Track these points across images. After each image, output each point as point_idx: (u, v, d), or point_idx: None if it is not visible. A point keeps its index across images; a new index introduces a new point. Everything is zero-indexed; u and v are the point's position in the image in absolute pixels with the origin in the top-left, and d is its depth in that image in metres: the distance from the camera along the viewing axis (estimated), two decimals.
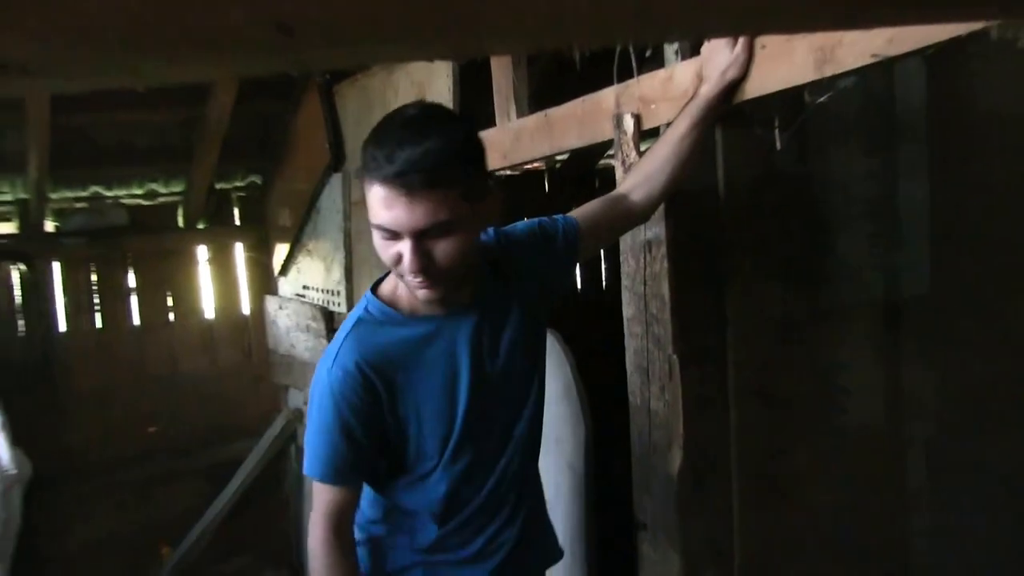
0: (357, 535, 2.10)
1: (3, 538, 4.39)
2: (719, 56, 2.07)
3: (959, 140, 2.76)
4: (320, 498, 1.96)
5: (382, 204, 1.72)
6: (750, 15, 1.04)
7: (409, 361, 1.94)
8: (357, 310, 2.02)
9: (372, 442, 1.95)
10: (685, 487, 2.40)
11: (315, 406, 1.96)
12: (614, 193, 2.22)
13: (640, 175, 2.18)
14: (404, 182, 1.67)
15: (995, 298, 2.77)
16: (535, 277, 2.10)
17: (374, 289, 2.01)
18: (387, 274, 1.99)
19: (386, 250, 1.78)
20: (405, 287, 1.90)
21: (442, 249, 1.76)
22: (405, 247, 1.75)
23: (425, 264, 1.76)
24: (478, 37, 0.87)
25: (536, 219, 2.17)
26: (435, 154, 1.67)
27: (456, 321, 1.97)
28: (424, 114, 1.76)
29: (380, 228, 1.75)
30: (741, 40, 2.02)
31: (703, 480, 2.44)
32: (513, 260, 2.09)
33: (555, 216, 2.18)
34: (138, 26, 0.74)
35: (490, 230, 2.08)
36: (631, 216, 2.20)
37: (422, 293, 1.84)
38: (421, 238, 1.74)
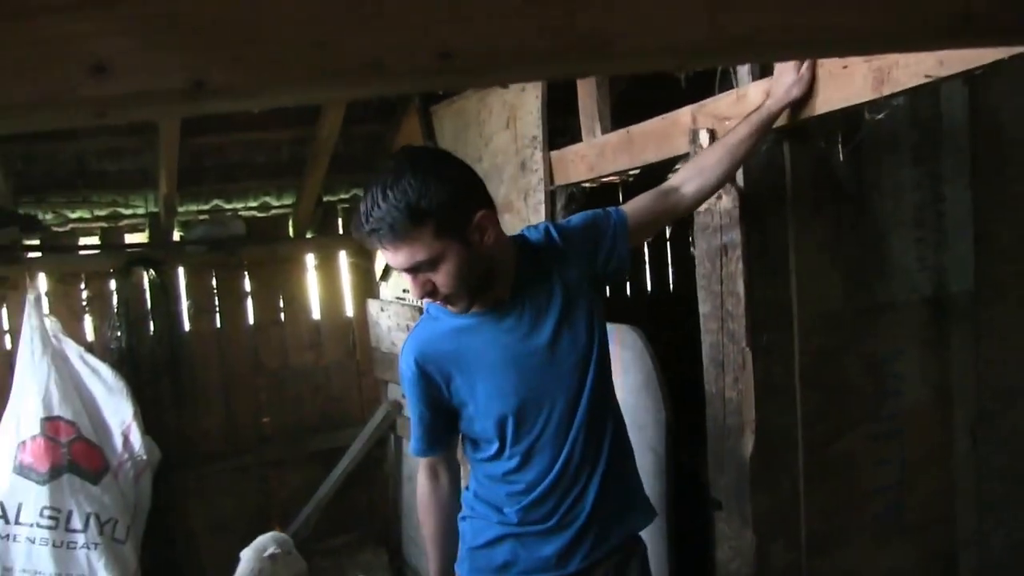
0: (463, 512, 2.39)
1: (135, 518, 4.72)
2: (787, 76, 2.27)
3: (997, 152, 2.90)
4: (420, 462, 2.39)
5: (383, 251, 2.00)
6: (834, 45, 1.27)
7: (460, 351, 2.19)
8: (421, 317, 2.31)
9: (442, 421, 2.29)
10: (756, 468, 2.58)
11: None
12: (665, 185, 2.36)
13: (694, 170, 2.32)
14: (377, 237, 1.93)
15: None
16: (586, 264, 2.23)
17: None
18: None
19: (407, 282, 2.07)
20: None
21: (437, 279, 2.00)
22: (412, 284, 2.03)
23: (428, 291, 2.02)
24: (608, 60, 1.05)
25: (591, 211, 2.33)
26: (396, 211, 1.88)
27: (498, 314, 2.16)
28: (397, 167, 1.94)
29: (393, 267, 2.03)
30: (807, 63, 2.22)
31: (772, 461, 2.62)
32: (561, 250, 2.22)
33: (608, 208, 2.32)
34: (325, 56, 0.90)
35: (542, 224, 2.29)
36: (678, 208, 2.32)
37: (450, 308, 2.11)
38: (416, 273, 1.99)
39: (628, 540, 2.38)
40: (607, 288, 2.38)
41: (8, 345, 4.95)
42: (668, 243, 6.10)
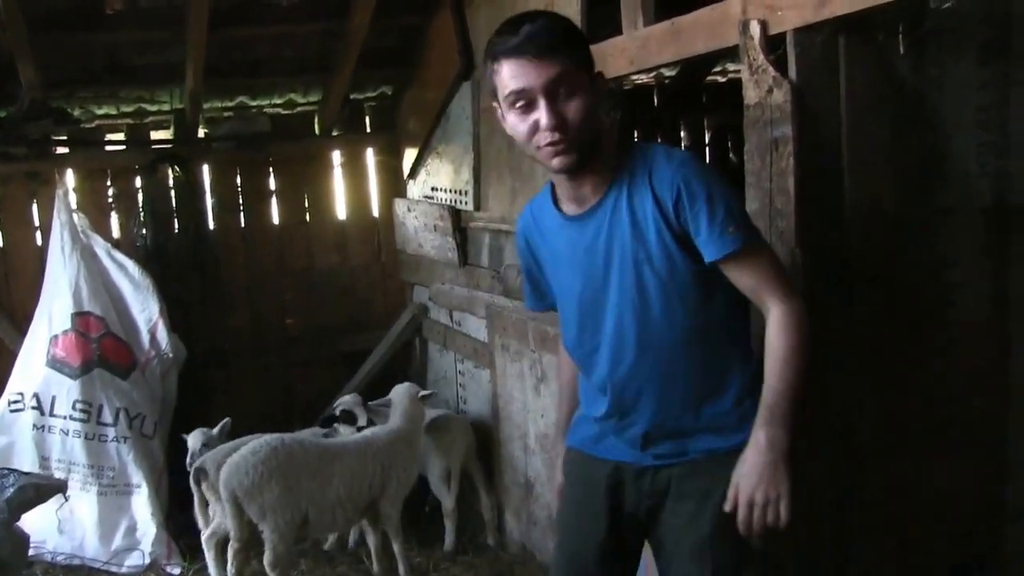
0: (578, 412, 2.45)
1: (162, 414, 4.73)
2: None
3: None
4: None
5: (513, 75, 1.96)
6: None
7: (550, 241, 2.26)
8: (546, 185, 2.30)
9: (544, 281, 2.36)
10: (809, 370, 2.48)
11: None
12: (765, 317, 2.07)
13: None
14: (530, 46, 1.93)
15: None
16: (672, 221, 2.03)
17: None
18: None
19: (522, 124, 2.00)
20: (556, 180, 2.15)
21: (571, 108, 1.97)
22: (540, 108, 1.96)
23: (559, 121, 1.96)
24: None
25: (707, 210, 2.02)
26: (550, 27, 1.96)
27: (578, 223, 2.14)
28: (544, 11, 2.09)
29: (516, 95, 1.97)
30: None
31: (826, 364, 2.43)
32: (668, 174, 2.04)
33: (725, 231, 1.99)
34: None
35: (663, 147, 2.15)
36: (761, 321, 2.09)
37: (557, 161, 2.02)
38: (553, 99, 1.96)
39: (712, 459, 2.18)
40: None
41: (39, 241, 4.99)
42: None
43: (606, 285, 2.13)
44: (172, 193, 5.20)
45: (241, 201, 5.43)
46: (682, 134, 6.57)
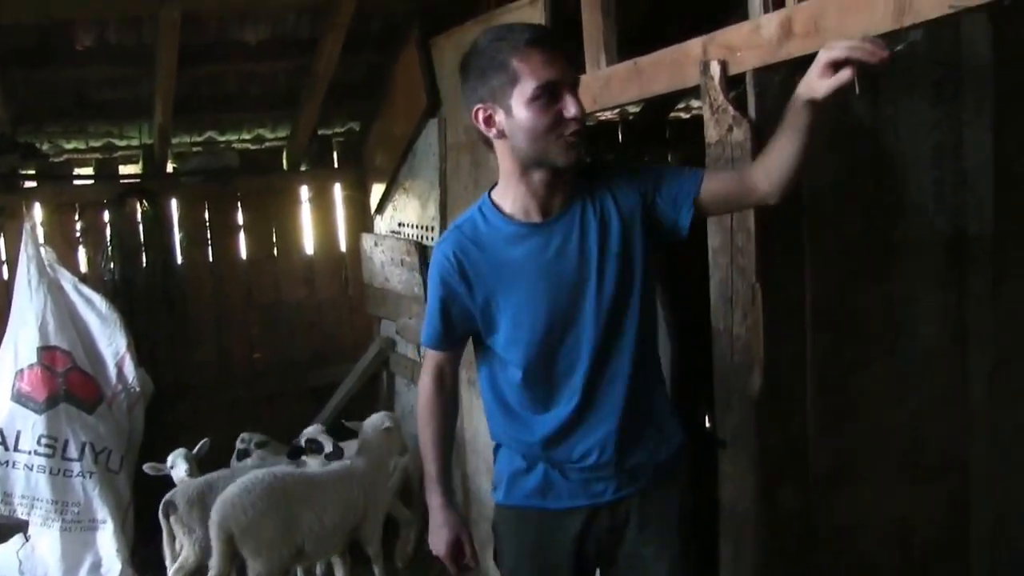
0: (495, 440, 2.33)
1: (129, 449, 4.67)
2: (814, 70, 1.96)
3: (1021, 91, 2.76)
4: (426, 357, 2.35)
5: (545, 64, 1.97)
6: None
7: (499, 255, 2.14)
8: (471, 207, 2.22)
9: (459, 319, 2.22)
10: (764, 407, 2.48)
11: (428, 282, 2.31)
12: (743, 171, 2.20)
13: (760, 165, 2.12)
14: (554, 39, 2.02)
15: None
16: (640, 199, 2.14)
17: (489, 192, 2.21)
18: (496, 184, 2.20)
19: (545, 116, 1.99)
20: (524, 189, 2.11)
21: (583, 104, 2.02)
22: (567, 100, 1.99)
23: (578, 111, 1.99)
24: None
25: (665, 165, 2.27)
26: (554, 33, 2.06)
27: (548, 228, 2.12)
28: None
29: (548, 85, 1.97)
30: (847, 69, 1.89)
31: (781, 400, 2.51)
32: (625, 176, 2.16)
33: (687, 167, 2.25)
34: None
35: (612, 158, 2.24)
36: (751, 198, 2.15)
37: (574, 154, 2.05)
38: (575, 88, 2.01)
39: (659, 475, 2.24)
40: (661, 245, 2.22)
41: (6, 275, 4.94)
42: None
43: (583, 283, 2.11)
44: (140, 227, 5.16)
45: (209, 235, 5.39)
46: None
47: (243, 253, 5.49)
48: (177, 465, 4.20)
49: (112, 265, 5.10)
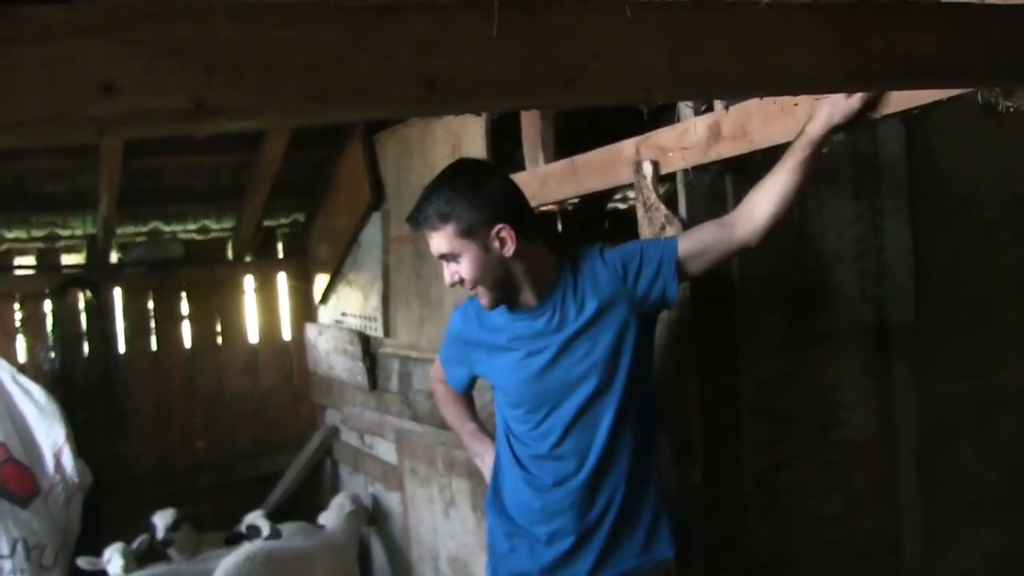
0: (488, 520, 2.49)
1: (64, 543, 4.49)
2: (829, 101, 1.99)
3: (933, 188, 2.87)
4: (435, 368, 2.73)
5: (429, 243, 2.24)
6: (783, 84, 1.36)
7: (493, 333, 2.36)
8: None
9: (466, 374, 2.54)
10: (701, 495, 2.50)
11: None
12: (723, 218, 2.24)
13: (746, 204, 2.16)
14: (423, 223, 2.20)
15: (969, 325, 2.90)
16: (622, 286, 2.24)
17: None
18: None
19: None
20: None
21: (463, 268, 2.19)
22: (444, 270, 2.24)
23: (456, 280, 2.22)
24: (579, 94, 1.15)
25: (642, 240, 2.41)
26: (432, 208, 2.17)
27: (528, 319, 2.28)
28: (450, 173, 2.26)
29: (437, 256, 2.23)
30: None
31: (719, 491, 2.53)
32: (603, 269, 2.27)
33: (661, 238, 2.39)
34: (317, 80, 0.97)
35: (597, 245, 2.35)
36: (732, 240, 2.18)
37: (480, 302, 2.28)
38: (446, 260, 2.21)
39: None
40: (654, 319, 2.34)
41: None
42: None
43: (553, 372, 2.24)
44: (82, 317, 5.06)
45: (153, 325, 5.31)
46: None
47: (187, 342, 5.40)
48: (113, 560, 4.05)
49: (52, 355, 4.98)
